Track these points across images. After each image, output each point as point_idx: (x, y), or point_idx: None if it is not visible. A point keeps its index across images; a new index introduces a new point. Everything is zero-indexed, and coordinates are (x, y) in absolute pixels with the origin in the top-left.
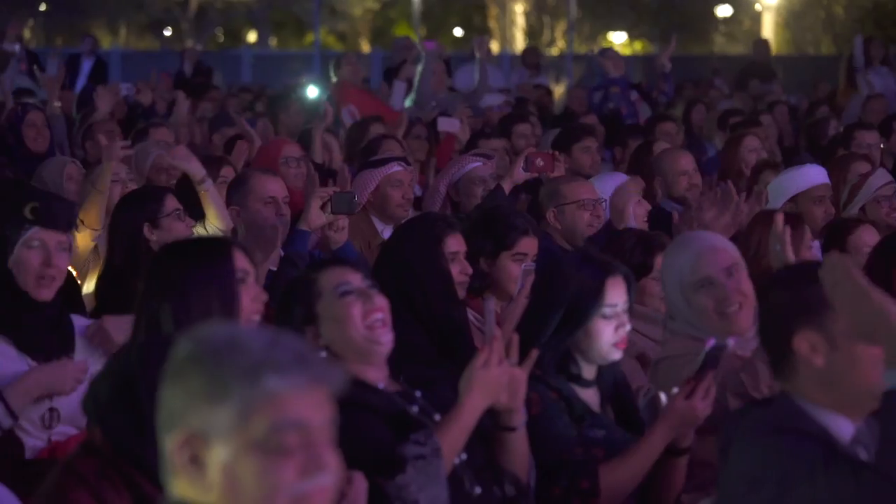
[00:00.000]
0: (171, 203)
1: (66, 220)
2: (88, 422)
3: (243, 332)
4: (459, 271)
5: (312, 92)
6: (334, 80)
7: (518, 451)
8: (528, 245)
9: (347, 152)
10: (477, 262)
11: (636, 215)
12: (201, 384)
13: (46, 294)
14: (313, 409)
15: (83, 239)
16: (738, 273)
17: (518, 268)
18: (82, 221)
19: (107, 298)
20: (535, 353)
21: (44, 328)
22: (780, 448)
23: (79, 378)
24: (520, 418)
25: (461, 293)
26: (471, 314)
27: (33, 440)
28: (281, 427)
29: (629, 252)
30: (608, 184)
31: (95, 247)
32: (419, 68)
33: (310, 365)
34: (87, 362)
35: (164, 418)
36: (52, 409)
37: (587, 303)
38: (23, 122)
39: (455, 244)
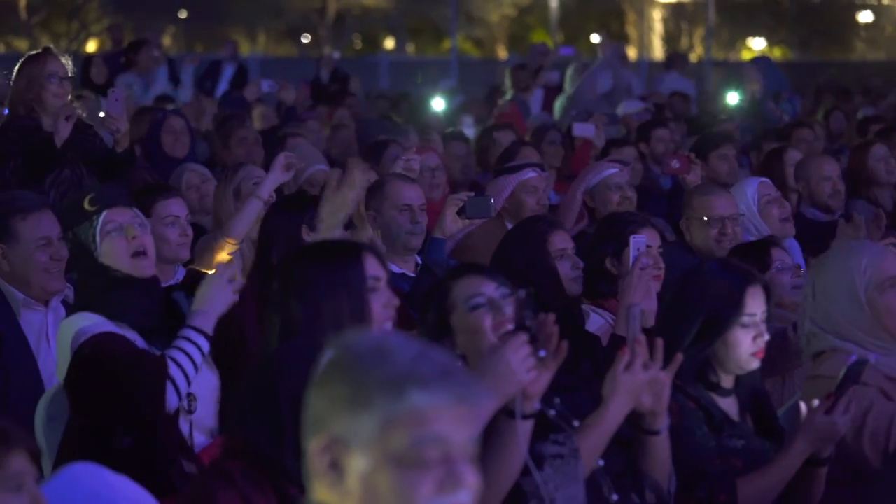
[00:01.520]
0: None
1: (124, 197)
2: (226, 426)
3: (391, 342)
4: (571, 267)
5: (439, 105)
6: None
7: (660, 456)
8: (649, 236)
9: (478, 159)
10: (604, 266)
11: (771, 215)
12: (345, 392)
13: (147, 268)
14: (455, 425)
15: (220, 253)
16: None
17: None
18: (224, 233)
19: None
20: (679, 358)
21: (156, 311)
22: None
23: (232, 276)
24: (663, 422)
25: (576, 288)
26: (605, 315)
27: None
28: (421, 442)
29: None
30: (748, 191)
31: (231, 259)
32: (569, 74)
33: (455, 381)
34: (231, 265)
35: (308, 422)
36: (189, 394)
37: (726, 312)
38: (161, 128)
39: (561, 241)
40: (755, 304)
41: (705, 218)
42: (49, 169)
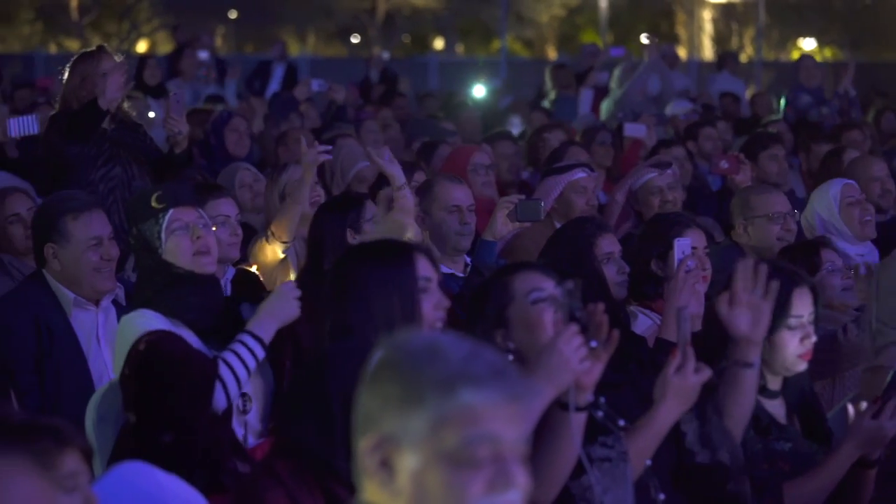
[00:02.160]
0: (371, 209)
1: (190, 197)
2: (277, 426)
3: (443, 341)
4: (617, 271)
5: (479, 91)
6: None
7: (747, 393)
8: (695, 238)
9: (528, 159)
10: (650, 268)
11: (852, 216)
12: (397, 390)
13: (208, 265)
14: (506, 423)
15: (272, 251)
16: None
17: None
18: (272, 233)
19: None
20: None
21: (215, 311)
22: None
23: (297, 296)
24: (756, 354)
25: (621, 292)
26: (653, 316)
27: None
28: (472, 440)
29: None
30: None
31: (284, 258)
32: (616, 74)
33: (507, 380)
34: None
35: (359, 420)
36: (244, 395)
37: (774, 314)
38: (226, 127)
39: (607, 245)
40: (802, 306)
41: (770, 215)
42: (92, 128)
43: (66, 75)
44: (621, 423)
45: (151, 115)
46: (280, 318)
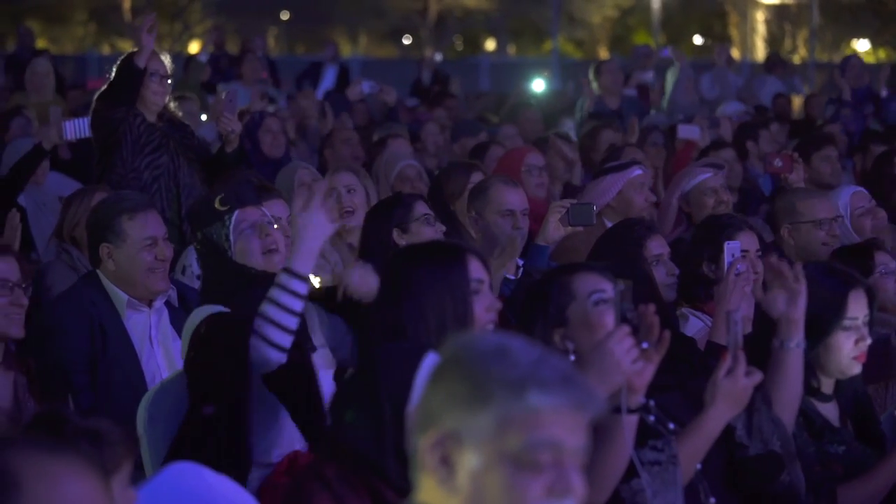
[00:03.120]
0: (420, 208)
1: (253, 196)
2: (330, 425)
3: (513, 343)
4: (666, 273)
5: (539, 86)
6: (595, 85)
7: (791, 374)
8: (746, 241)
9: (582, 159)
10: (701, 270)
11: (863, 227)
12: (465, 388)
13: (279, 263)
14: (570, 431)
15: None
16: None
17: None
18: None
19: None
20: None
21: None
22: None
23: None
24: (798, 335)
25: (670, 294)
26: (704, 319)
27: None
28: (535, 444)
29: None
30: (839, 202)
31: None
32: (669, 77)
33: (574, 387)
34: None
35: (420, 418)
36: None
37: (828, 315)
38: (260, 128)
39: (657, 246)
40: (857, 308)
41: (816, 220)
42: (133, 86)
43: (113, 75)
44: (671, 426)
45: (204, 117)
46: (312, 243)
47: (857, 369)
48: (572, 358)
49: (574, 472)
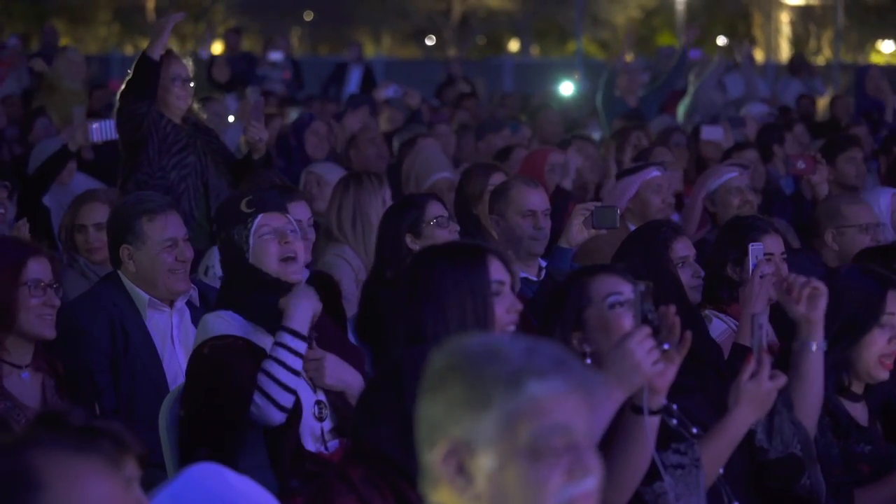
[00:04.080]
0: (434, 210)
1: (279, 203)
2: (356, 428)
3: (500, 340)
4: (692, 275)
5: (567, 88)
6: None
7: (812, 374)
8: (772, 243)
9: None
10: (726, 272)
11: None
12: (463, 393)
13: (295, 273)
14: (574, 413)
15: None
16: None
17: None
18: None
19: (372, 305)
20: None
21: None
22: None
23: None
24: (818, 334)
25: (696, 297)
26: (728, 321)
27: (309, 435)
28: (545, 431)
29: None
30: (882, 200)
31: None
32: (692, 78)
33: (570, 370)
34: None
35: (424, 431)
36: (319, 402)
37: (866, 314)
38: (307, 129)
39: (683, 248)
40: (894, 306)
41: (862, 225)
42: (152, 85)
43: (131, 72)
44: (694, 430)
45: (231, 119)
46: (307, 310)
47: (884, 375)
48: (589, 361)
49: (588, 451)
